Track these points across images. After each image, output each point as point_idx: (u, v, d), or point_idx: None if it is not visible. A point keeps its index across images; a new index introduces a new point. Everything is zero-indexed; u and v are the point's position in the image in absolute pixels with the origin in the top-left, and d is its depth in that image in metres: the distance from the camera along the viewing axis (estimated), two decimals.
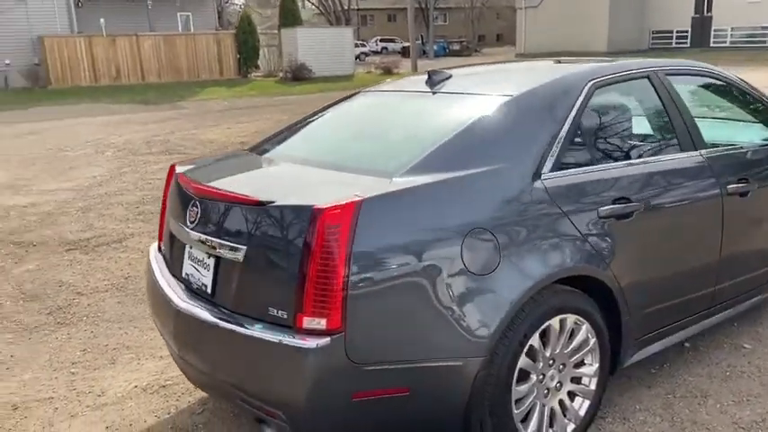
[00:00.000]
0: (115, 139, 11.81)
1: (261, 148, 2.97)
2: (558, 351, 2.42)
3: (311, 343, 1.94)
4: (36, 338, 3.77)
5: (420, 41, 49.78)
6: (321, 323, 1.95)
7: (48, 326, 3.93)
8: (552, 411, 2.46)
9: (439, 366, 2.11)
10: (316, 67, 24.77)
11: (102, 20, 23.22)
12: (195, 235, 2.36)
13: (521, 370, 2.29)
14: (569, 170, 2.52)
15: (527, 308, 2.25)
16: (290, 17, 26.47)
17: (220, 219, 2.29)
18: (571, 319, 2.41)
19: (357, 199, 2.01)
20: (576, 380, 2.53)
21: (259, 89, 21.88)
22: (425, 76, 3.09)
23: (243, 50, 25.23)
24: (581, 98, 2.66)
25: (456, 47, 49.25)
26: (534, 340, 2.30)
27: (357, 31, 38.90)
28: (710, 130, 3.24)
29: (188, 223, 2.42)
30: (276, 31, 27.83)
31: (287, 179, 2.56)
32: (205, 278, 2.35)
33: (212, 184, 2.42)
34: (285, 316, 2.02)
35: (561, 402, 2.48)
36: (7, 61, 22.30)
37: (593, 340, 2.52)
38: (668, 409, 2.82)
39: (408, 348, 2.07)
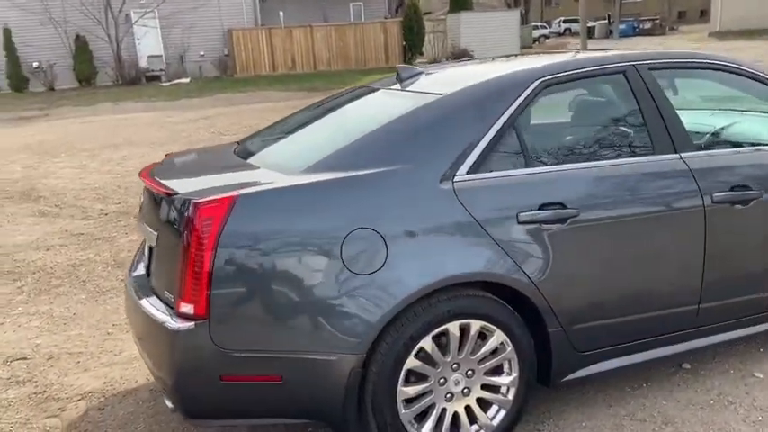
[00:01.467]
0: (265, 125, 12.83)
1: (239, 144, 3.21)
2: (462, 356, 2.40)
3: (179, 326, 2.16)
4: (101, 300, 4.39)
5: (607, 20, 47.09)
6: (191, 309, 2.15)
7: (116, 291, 4.54)
8: (456, 416, 2.44)
9: (312, 359, 2.21)
10: (479, 52, 24.64)
11: (281, 12, 25.00)
12: (141, 222, 2.68)
13: (412, 371, 2.32)
14: (492, 173, 2.45)
15: (415, 310, 2.26)
16: (459, 1, 26.51)
17: (151, 208, 2.57)
18: (476, 324, 2.38)
19: (233, 194, 2.18)
20: (491, 388, 2.48)
21: None
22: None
23: (408, 38, 25.77)
24: (521, 97, 2.56)
25: (647, 25, 45.86)
26: (426, 343, 2.31)
27: (526, 14, 37.71)
28: (719, 129, 2.92)
29: (140, 211, 2.74)
30: (444, 17, 28.03)
31: (215, 174, 2.76)
32: (146, 262, 2.66)
33: (155, 176, 2.70)
34: (173, 300, 2.25)
35: (468, 408, 2.46)
36: (202, 53, 24.89)
37: (509, 348, 2.45)
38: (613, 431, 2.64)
39: (279, 339, 2.20)
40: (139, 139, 11.85)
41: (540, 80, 2.62)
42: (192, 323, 2.14)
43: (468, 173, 2.42)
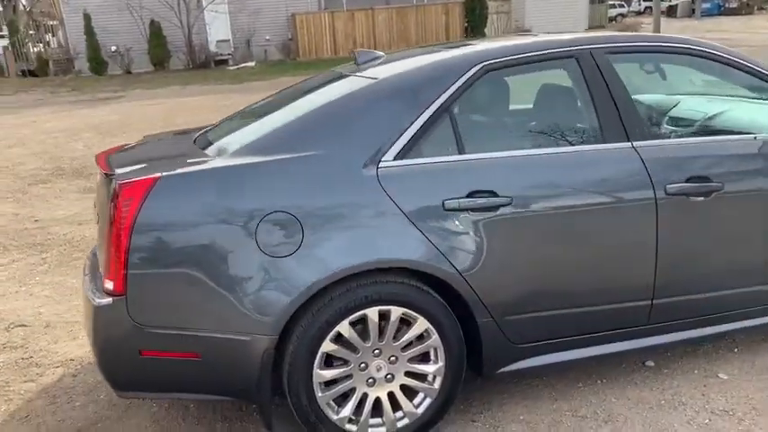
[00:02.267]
0: None
1: (205, 129, 3.28)
2: (384, 342, 2.41)
3: (100, 301, 2.27)
4: None
5: None
6: (111, 285, 2.26)
7: None
8: (379, 401, 2.45)
9: (227, 339, 2.28)
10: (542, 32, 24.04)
11: None
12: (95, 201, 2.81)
13: (330, 355, 2.35)
14: (420, 159, 2.43)
15: (331, 294, 2.29)
16: None
17: (99, 188, 2.69)
18: (397, 311, 2.38)
19: (154, 176, 2.26)
20: (416, 375, 2.48)
21: None
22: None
23: (470, 18, 25.35)
24: (459, 82, 2.52)
25: (733, 4, 43.30)
26: (343, 327, 2.33)
27: None
28: (685, 117, 2.78)
29: None
30: None
31: (161, 158, 2.83)
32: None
33: (110, 157, 2.80)
34: (102, 276, 2.37)
35: (392, 395, 2.47)
36: (267, 37, 25.32)
37: (434, 337, 2.44)
38: (550, 427, 2.59)
39: (195, 318, 2.28)
40: (196, 121, 12.24)
41: (481, 65, 2.56)
42: (111, 299, 2.25)
43: (395, 158, 2.41)
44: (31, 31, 25.66)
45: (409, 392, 2.50)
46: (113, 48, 24.11)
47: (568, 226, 2.53)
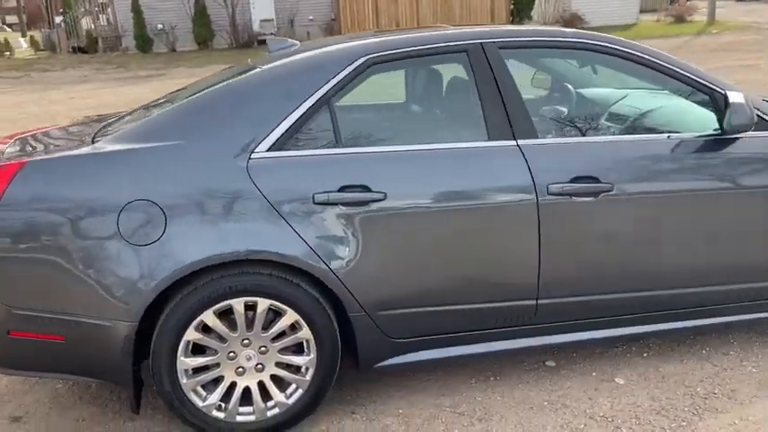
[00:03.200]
0: None
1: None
2: (253, 333, 2.46)
3: None
4: None
5: None
6: None
7: None
8: (249, 390, 2.51)
9: (89, 323, 2.36)
10: (591, 16, 23.33)
11: None
12: None
13: (196, 343, 2.42)
14: (294, 151, 2.45)
15: (195, 284, 2.35)
16: None
17: None
18: (264, 303, 2.42)
19: (21, 161, 2.35)
20: (289, 367, 2.53)
21: None
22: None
23: (516, 1, 24.79)
24: (340, 75, 2.52)
25: None
26: (207, 317, 2.39)
27: None
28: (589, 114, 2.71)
29: None
30: None
31: (53, 142, 2.89)
32: None
33: (13, 140, 2.89)
34: None
35: (262, 384, 2.52)
36: (311, 17, 25.41)
37: (304, 329, 2.47)
38: (425, 421, 2.60)
39: (60, 302, 2.36)
40: None
41: (365, 58, 2.55)
42: None
43: (269, 150, 2.43)
44: (82, 9, 26.43)
45: (281, 383, 2.55)
46: (159, 26, 24.62)
47: (446, 223, 2.52)
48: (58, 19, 26.46)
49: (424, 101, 2.77)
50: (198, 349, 2.45)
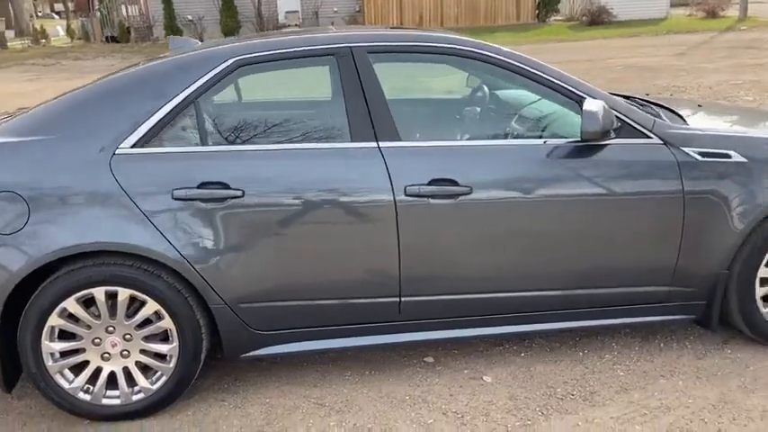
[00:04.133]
0: None
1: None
2: (116, 320, 2.59)
3: None
4: None
5: None
6: None
7: None
8: (114, 375, 2.65)
9: None
10: (619, 10, 22.89)
11: None
12: None
13: (61, 329, 2.56)
14: (157, 148, 2.57)
15: (56, 272, 2.49)
16: None
17: None
18: (125, 292, 2.55)
19: None
20: (154, 354, 2.65)
21: (541, 35, 21.21)
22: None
23: None
24: (207, 76, 2.63)
25: None
26: (69, 304, 2.53)
27: None
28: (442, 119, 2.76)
29: None
30: None
31: None
32: None
33: None
34: None
35: (127, 370, 2.65)
36: (335, 9, 25.56)
37: (166, 318, 2.60)
38: (286, 410, 2.71)
39: None
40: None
41: (234, 59, 2.66)
42: None
43: (133, 146, 2.56)
44: (113, 4, 27.06)
45: (146, 369, 2.68)
46: (189, 17, 25.09)
47: (304, 221, 2.61)
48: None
49: (295, 101, 2.85)
50: (67, 334, 2.60)
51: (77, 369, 2.65)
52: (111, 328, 2.61)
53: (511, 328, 2.87)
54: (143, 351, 2.66)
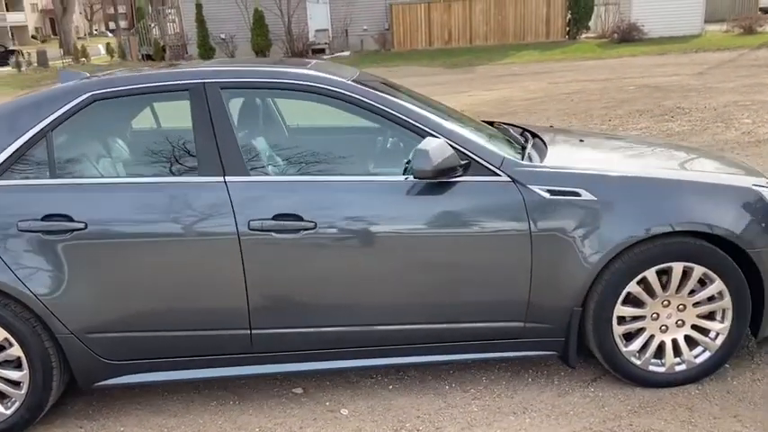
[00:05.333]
0: None
1: None
2: None
3: None
4: None
5: None
6: None
7: None
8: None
9: None
10: (651, 27, 22.41)
11: None
12: None
13: None
14: (7, 180, 2.67)
15: None
16: None
17: None
18: None
19: None
20: (6, 380, 2.75)
21: (567, 53, 20.98)
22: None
23: (574, 10, 24.21)
24: (60, 111, 2.73)
25: None
26: None
27: None
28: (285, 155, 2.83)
29: None
30: None
31: None
32: None
33: None
34: None
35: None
36: (365, 27, 25.84)
37: (15, 347, 2.69)
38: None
39: None
40: None
41: (89, 94, 2.76)
42: None
43: None
44: (151, 23, 28.01)
45: (2, 396, 2.77)
46: (222, 35, 25.74)
47: (150, 253, 2.68)
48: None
49: (148, 135, 2.93)
50: None
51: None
52: None
53: (366, 362, 2.87)
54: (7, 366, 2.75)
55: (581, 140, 3.47)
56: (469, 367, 3.13)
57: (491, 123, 3.75)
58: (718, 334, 2.82)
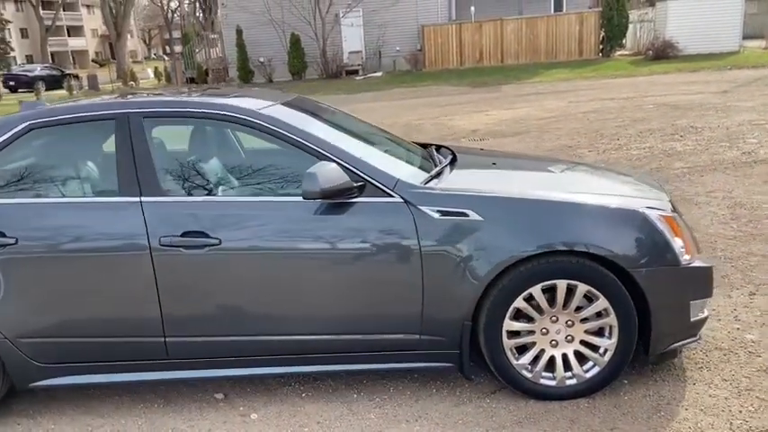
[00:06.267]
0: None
1: None
2: None
3: None
4: None
5: None
6: None
7: None
8: None
9: None
10: (687, 44, 22.08)
11: (472, 8, 25.17)
12: None
13: None
14: None
15: None
16: None
17: None
18: None
19: None
20: None
21: (598, 71, 20.85)
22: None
23: (607, 28, 24.05)
24: (1, 138, 3.06)
25: None
26: None
27: None
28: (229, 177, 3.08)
29: None
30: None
31: None
32: None
33: None
34: None
35: None
36: (398, 48, 26.26)
37: None
38: None
39: None
40: None
41: (27, 123, 3.08)
42: None
43: None
44: (196, 48, 29.09)
45: None
46: (261, 59, 26.54)
47: (75, 266, 2.96)
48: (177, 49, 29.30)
49: (79, 159, 3.23)
50: None
51: None
52: None
53: (273, 370, 3.08)
54: None
55: (493, 163, 3.62)
56: (381, 377, 3.29)
57: (425, 145, 3.95)
58: (606, 350, 2.92)
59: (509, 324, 2.90)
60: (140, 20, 75.89)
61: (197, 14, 42.84)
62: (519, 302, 2.87)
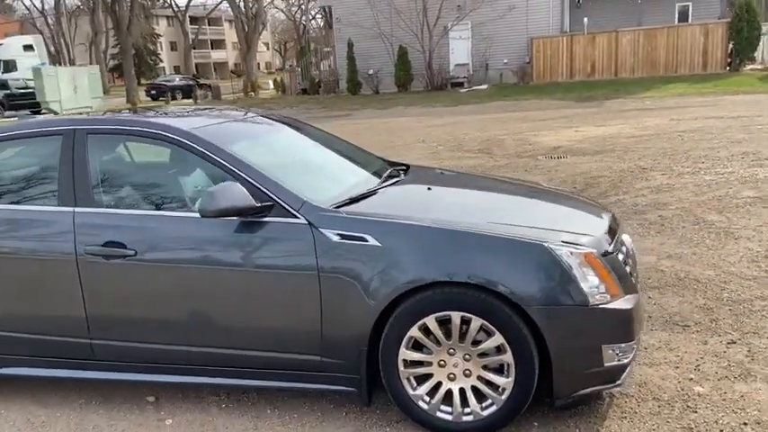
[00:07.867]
0: (438, 134, 13.30)
1: None
2: None
3: None
4: None
5: None
6: None
7: None
8: None
9: None
10: None
11: (585, 19, 24.29)
12: None
13: None
14: None
15: None
16: None
17: None
18: None
19: None
20: None
21: (718, 86, 19.38)
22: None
23: (736, 40, 22.29)
24: None
25: None
26: None
27: None
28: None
29: None
30: None
31: None
32: None
33: None
34: None
35: None
36: (505, 60, 25.88)
37: None
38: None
39: None
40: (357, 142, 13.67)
41: None
42: None
43: None
44: (312, 59, 30.25)
45: None
46: (369, 71, 27.16)
47: (15, 267, 3.22)
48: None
49: (28, 171, 3.49)
50: None
51: None
52: None
53: (187, 379, 3.16)
54: None
55: (429, 188, 3.53)
56: (303, 396, 3.29)
57: (398, 165, 3.93)
58: (504, 389, 2.75)
59: (405, 353, 2.81)
60: (277, 32, 79.98)
61: (321, 28, 44.49)
62: (414, 332, 2.77)
